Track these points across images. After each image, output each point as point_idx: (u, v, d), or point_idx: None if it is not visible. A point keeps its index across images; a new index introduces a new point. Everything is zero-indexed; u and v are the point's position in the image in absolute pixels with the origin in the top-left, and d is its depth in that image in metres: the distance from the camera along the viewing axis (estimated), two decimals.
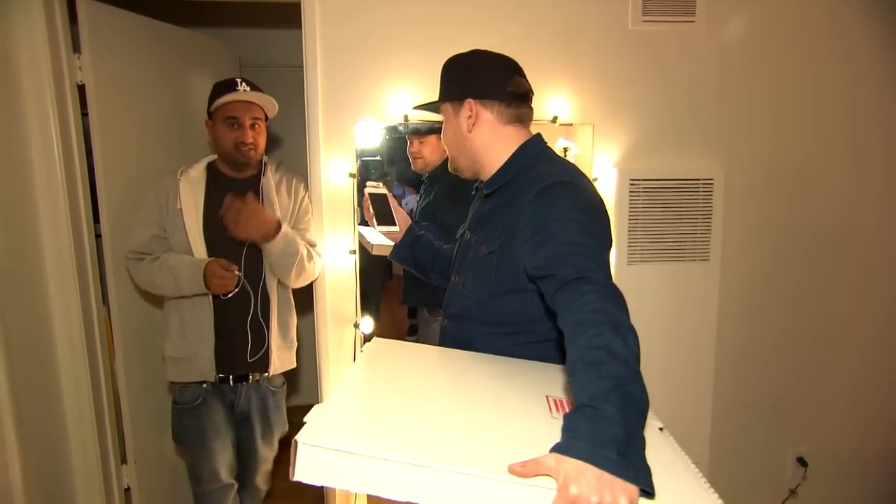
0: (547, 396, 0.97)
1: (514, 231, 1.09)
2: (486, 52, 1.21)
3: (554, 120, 1.94)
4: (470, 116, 1.18)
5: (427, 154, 2.05)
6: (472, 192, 1.35)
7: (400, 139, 2.05)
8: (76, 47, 1.86)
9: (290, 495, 2.62)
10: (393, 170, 2.12)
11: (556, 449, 0.71)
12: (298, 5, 1.83)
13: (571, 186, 1.08)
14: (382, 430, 0.79)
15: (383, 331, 2.13)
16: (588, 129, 1.98)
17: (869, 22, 2.08)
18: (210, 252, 1.75)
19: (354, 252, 1.92)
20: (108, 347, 2.05)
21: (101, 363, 1.99)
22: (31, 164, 1.78)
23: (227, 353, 1.79)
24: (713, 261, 2.07)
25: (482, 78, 1.18)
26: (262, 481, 2.03)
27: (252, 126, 1.77)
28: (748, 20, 2.03)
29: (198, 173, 1.80)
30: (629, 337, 0.83)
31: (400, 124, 1.91)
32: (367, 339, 1.99)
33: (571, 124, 1.98)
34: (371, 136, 1.94)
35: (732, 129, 2.07)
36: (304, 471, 0.72)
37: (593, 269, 0.94)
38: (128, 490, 2.14)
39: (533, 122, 1.25)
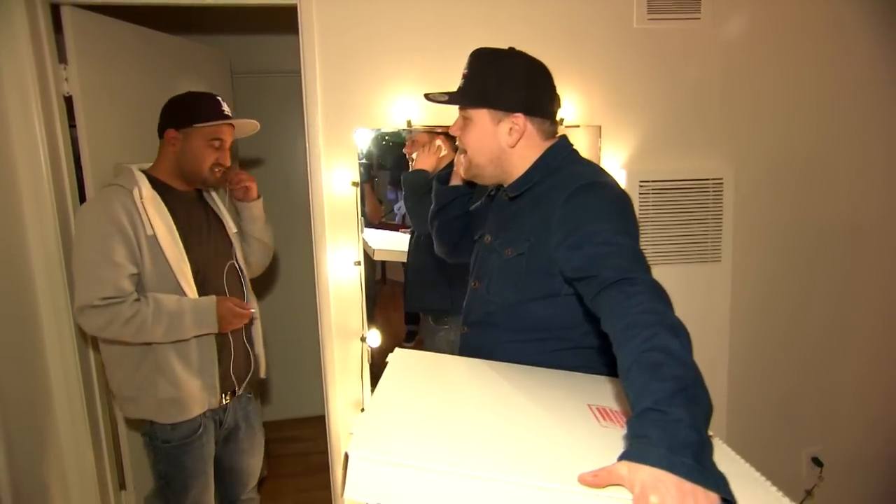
0: (589, 405, 0.92)
1: (545, 233, 1.05)
2: (536, 61, 1.14)
3: (560, 122, 1.87)
4: (515, 130, 1.11)
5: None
6: (490, 195, 1.29)
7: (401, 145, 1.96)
8: (62, 57, 1.76)
9: None
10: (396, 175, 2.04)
11: (627, 457, 0.66)
12: (293, 10, 1.74)
13: (603, 186, 1.06)
14: (437, 441, 0.71)
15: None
16: (595, 131, 1.91)
17: (873, 19, 2.04)
18: (198, 278, 1.55)
19: (360, 263, 1.83)
20: (103, 373, 1.94)
21: (96, 389, 1.88)
22: (17, 178, 1.68)
23: (226, 372, 1.63)
24: (724, 261, 2.01)
25: (536, 93, 1.13)
26: (254, 493, 1.87)
27: (227, 147, 1.64)
28: (753, 17, 1.97)
29: (149, 191, 1.51)
30: (683, 337, 0.80)
31: (403, 130, 1.83)
32: (375, 352, 1.91)
33: (578, 126, 1.91)
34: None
35: (740, 127, 2.02)
36: (357, 487, 0.63)
37: (636, 269, 0.92)
38: None
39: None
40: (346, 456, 0.64)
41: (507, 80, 1.11)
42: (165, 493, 1.61)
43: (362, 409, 2.03)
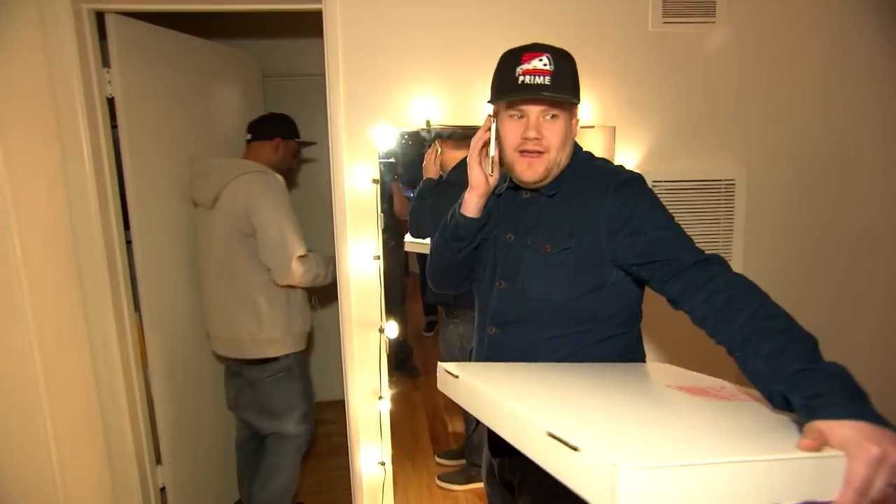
0: (667, 386, 0.95)
1: (591, 226, 1.06)
2: None
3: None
4: (577, 123, 1.15)
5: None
6: (497, 195, 1.20)
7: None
8: (105, 61, 1.83)
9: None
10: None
11: (818, 415, 0.67)
12: (320, 15, 1.78)
13: (642, 179, 1.10)
14: (655, 438, 0.68)
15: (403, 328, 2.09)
16: (609, 132, 1.90)
17: (884, 19, 1.97)
18: None
19: (378, 258, 1.87)
20: (141, 353, 2.02)
21: (133, 368, 1.97)
22: (62, 174, 1.75)
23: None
24: (735, 261, 1.98)
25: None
26: None
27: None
28: (768, 20, 1.93)
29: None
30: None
31: (422, 129, 1.85)
32: (392, 343, 1.95)
33: (593, 126, 1.90)
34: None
35: (753, 128, 1.98)
36: (636, 499, 0.57)
37: (702, 251, 0.99)
38: (163, 490, 2.12)
39: None
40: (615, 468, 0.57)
41: (577, 76, 1.11)
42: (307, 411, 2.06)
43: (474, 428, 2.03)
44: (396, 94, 1.83)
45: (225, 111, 2.29)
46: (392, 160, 1.90)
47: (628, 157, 1.94)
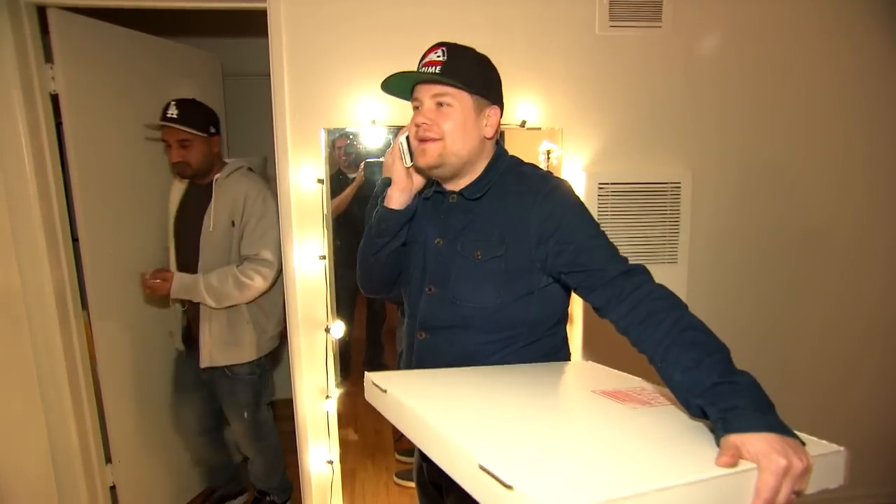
0: (593, 392, 0.94)
1: (521, 233, 1.03)
2: None
3: (522, 124, 1.80)
4: (490, 124, 1.08)
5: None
6: (425, 199, 1.15)
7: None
8: (49, 57, 1.74)
9: None
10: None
11: (732, 429, 0.69)
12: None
13: (570, 187, 1.07)
14: (576, 466, 0.65)
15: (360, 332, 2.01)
16: (556, 134, 1.84)
17: (834, 24, 1.92)
18: (175, 247, 1.94)
19: (325, 257, 1.79)
20: (89, 350, 1.93)
21: (79, 366, 1.88)
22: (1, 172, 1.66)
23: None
24: (681, 263, 1.93)
25: (501, 90, 1.12)
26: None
27: (181, 146, 1.81)
28: (714, 26, 1.87)
29: (182, 182, 1.95)
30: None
31: (373, 130, 1.77)
32: (340, 343, 1.88)
33: (540, 128, 1.83)
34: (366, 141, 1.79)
35: (700, 132, 1.92)
36: None
37: (627, 260, 0.97)
38: (113, 488, 2.03)
39: (502, 125, 1.14)
40: None
41: (486, 71, 1.07)
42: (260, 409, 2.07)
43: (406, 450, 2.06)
44: (342, 94, 1.75)
45: None
46: (382, 159, 1.81)
47: (575, 159, 1.88)
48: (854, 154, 2.01)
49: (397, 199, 1.11)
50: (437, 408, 0.82)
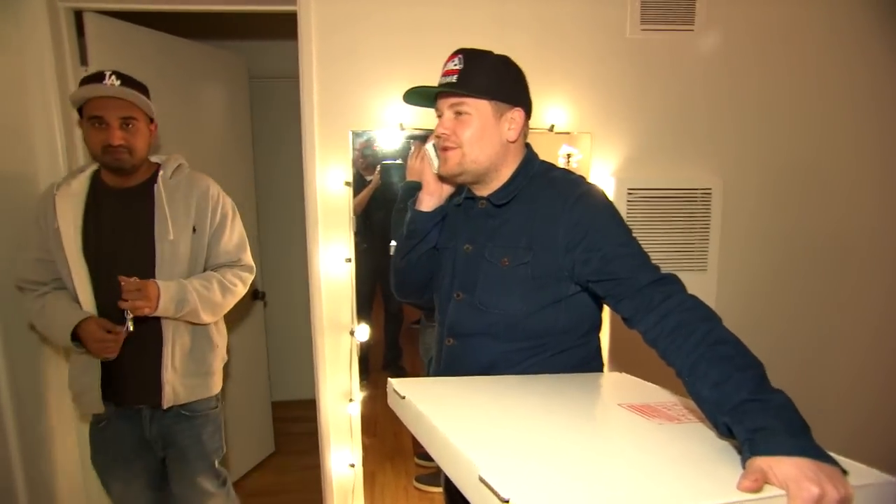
0: (619, 405, 0.90)
1: (549, 240, 0.99)
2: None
3: (551, 128, 1.77)
4: (515, 125, 1.04)
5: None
6: (456, 206, 1.15)
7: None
8: (84, 59, 1.74)
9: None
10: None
11: (760, 451, 0.63)
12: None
13: (601, 192, 1.03)
14: (577, 484, 0.63)
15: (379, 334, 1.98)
16: (586, 138, 1.79)
17: (868, 28, 1.85)
18: (93, 276, 1.35)
19: (350, 260, 1.76)
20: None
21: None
22: (36, 173, 1.66)
23: (117, 385, 1.44)
24: (710, 271, 1.87)
25: (528, 92, 1.07)
26: None
27: (123, 126, 1.33)
28: (747, 28, 1.81)
29: (79, 185, 1.38)
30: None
31: (399, 133, 1.75)
32: (363, 346, 1.85)
33: (569, 133, 1.79)
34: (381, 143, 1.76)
35: (732, 138, 1.86)
36: None
37: (657, 269, 0.93)
38: None
39: (530, 130, 1.11)
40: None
41: (506, 75, 1.04)
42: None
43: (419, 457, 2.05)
44: (370, 97, 1.73)
45: (208, 110, 2.20)
46: (399, 161, 1.78)
47: (605, 164, 1.83)
48: (890, 160, 1.93)
49: (427, 202, 1.13)
50: (449, 416, 0.81)
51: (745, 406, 0.68)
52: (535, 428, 0.79)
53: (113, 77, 1.32)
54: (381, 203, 1.81)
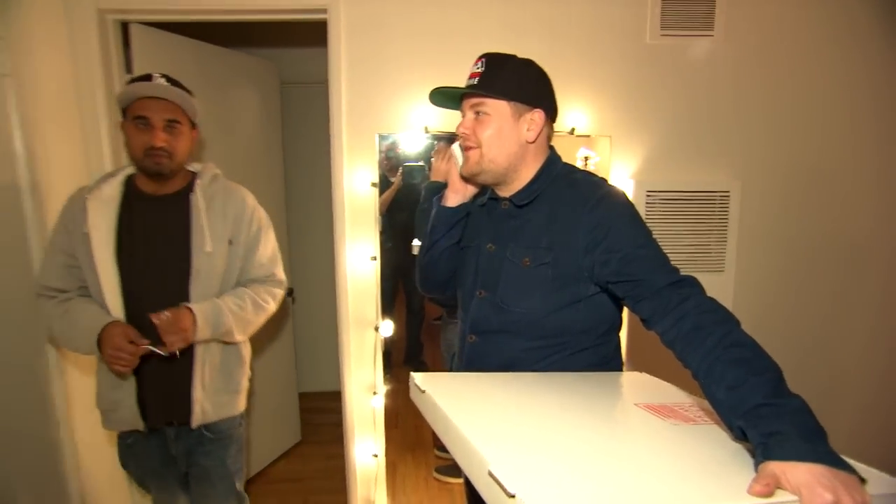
0: (635, 404, 0.90)
1: (570, 241, 1.00)
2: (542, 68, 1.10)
3: (572, 131, 1.79)
4: (535, 125, 1.05)
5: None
6: (480, 206, 1.17)
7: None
8: (129, 67, 1.84)
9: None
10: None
11: (773, 456, 0.62)
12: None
13: (621, 194, 1.03)
14: (589, 482, 0.63)
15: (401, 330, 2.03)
16: (606, 141, 1.82)
17: (881, 35, 1.83)
18: (124, 285, 1.28)
19: (375, 258, 1.82)
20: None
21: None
22: (86, 171, 1.76)
23: (151, 401, 1.37)
24: (728, 272, 1.87)
25: (551, 94, 1.08)
26: None
27: (167, 128, 1.29)
28: (766, 34, 1.81)
29: (112, 190, 1.32)
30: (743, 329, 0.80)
31: (424, 136, 1.80)
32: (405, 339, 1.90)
33: (589, 136, 1.82)
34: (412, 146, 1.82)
35: (750, 141, 1.87)
36: None
37: (676, 271, 0.93)
38: None
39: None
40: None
41: (526, 77, 1.05)
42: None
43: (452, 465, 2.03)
44: (396, 101, 1.79)
45: (242, 114, 2.28)
46: (421, 163, 1.84)
47: (624, 166, 1.85)
48: None
49: (451, 199, 1.16)
50: (465, 412, 0.82)
51: (759, 410, 0.67)
52: (549, 425, 0.79)
53: (161, 79, 1.30)
54: (404, 204, 1.87)
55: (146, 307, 1.22)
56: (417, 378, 0.96)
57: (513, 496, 0.58)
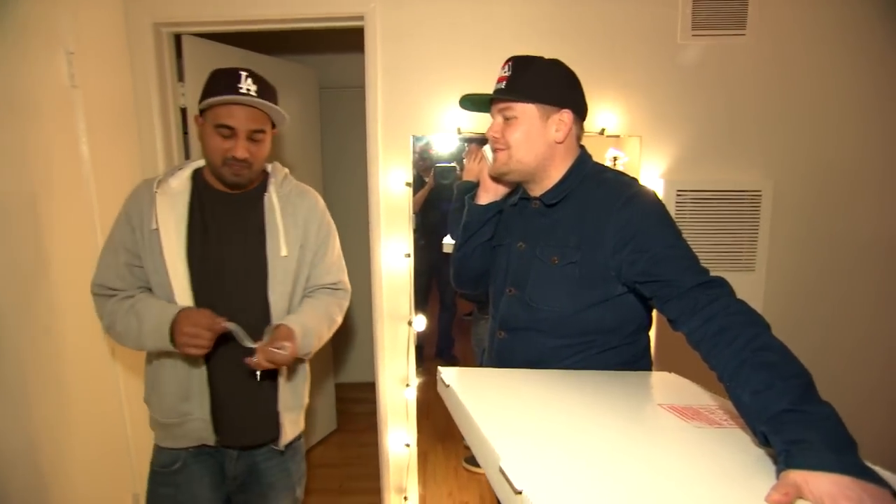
0: (659, 405, 0.88)
1: (598, 241, 0.99)
2: (571, 69, 1.09)
3: (602, 132, 1.79)
4: (563, 126, 1.04)
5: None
6: (512, 205, 1.18)
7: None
8: (181, 76, 1.93)
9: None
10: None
11: (796, 465, 0.59)
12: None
13: (651, 194, 1.01)
14: (604, 485, 0.62)
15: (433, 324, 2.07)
16: (636, 141, 1.81)
17: None
18: (195, 285, 1.17)
19: (409, 255, 1.87)
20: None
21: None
22: (140, 173, 1.86)
23: (228, 417, 1.25)
24: (759, 271, 1.84)
25: (579, 93, 1.07)
26: None
27: (251, 138, 1.17)
28: (798, 33, 1.77)
29: (180, 184, 1.21)
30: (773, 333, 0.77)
31: (456, 137, 1.83)
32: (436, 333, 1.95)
33: (619, 136, 1.81)
34: (443, 147, 1.85)
35: (781, 141, 1.82)
36: None
37: (706, 272, 0.90)
38: None
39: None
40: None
41: (553, 79, 1.05)
42: None
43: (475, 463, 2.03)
44: (430, 104, 1.83)
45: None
46: (453, 164, 1.87)
47: (654, 166, 1.84)
48: None
49: (483, 197, 1.18)
50: (486, 407, 0.82)
51: (784, 416, 0.65)
52: (568, 423, 0.78)
53: (249, 80, 1.15)
54: (435, 203, 1.91)
55: (220, 313, 1.12)
56: (444, 373, 0.96)
57: (519, 493, 0.57)
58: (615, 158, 1.81)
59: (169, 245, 1.15)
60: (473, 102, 1.12)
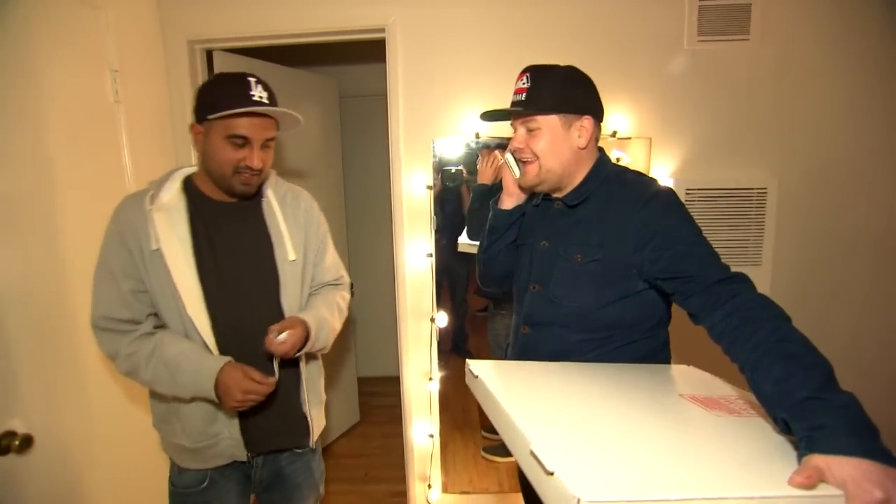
0: (680, 395, 0.89)
1: (620, 239, 1.01)
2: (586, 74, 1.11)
3: (613, 134, 1.85)
4: (585, 132, 1.06)
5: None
6: (535, 206, 1.22)
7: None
8: None
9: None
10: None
11: (818, 449, 0.60)
12: (384, 42, 1.87)
13: (672, 193, 1.03)
14: (633, 465, 0.63)
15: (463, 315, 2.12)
16: (645, 143, 1.87)
17: None
18: (209, 302, 1.10)
19: (431, 255, 1.94)
20: None
21: None
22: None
23: (256, 426, 1.22)
24: (765, 265, 1.89)
25: (597, 97, 1.09)
26: None
27: (264, 146, 1.13)
28: (800, 36, 1.81)
29: (173, 197, 1.12)
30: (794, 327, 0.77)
31: (472, 141, 1.90)
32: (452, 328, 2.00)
33: (629, 138, 1.87)
34: (451, 151, 1.90)
35: (786, 140, 1.87)
36: None
37: (727, 268, 0.91)
38: None
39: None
40: (577, 500, 0.55)
41: (571, 87, 1.06)
42: None
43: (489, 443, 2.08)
44: (450, 109, 1.89)
45: (306, 127, 2.41)
46: (460, 167, 1.94)
47: (664, 166, 1.90)
48: None
49: (507, 202, 1.22)
50: (514, 396, 0.84)
51: (805, 403, 0.65)
52: (592, 411, 0.80)
53: (259, 87, 1.12)
54: (441, 204, 1.95)
55: (239, 330, 1.10)
56: (472, 365, 0.99)
57: (551, 474, 0.59)
58: (618, 160, 1.87)
59: (176, 264, 1.07)
60: (493, 115, 1.14)
